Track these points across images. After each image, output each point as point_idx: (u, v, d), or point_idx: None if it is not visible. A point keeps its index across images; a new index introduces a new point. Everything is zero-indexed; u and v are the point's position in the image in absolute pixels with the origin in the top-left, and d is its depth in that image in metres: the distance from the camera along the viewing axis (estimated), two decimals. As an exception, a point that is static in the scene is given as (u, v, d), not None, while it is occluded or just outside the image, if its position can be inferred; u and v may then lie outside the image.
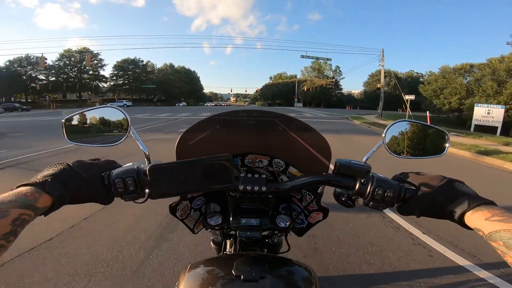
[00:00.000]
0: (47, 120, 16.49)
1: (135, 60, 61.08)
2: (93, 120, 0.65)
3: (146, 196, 0.50)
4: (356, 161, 0.58)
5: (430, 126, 0.68)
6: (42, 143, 7.08)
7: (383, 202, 0.52)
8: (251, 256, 0.63)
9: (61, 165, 0.47)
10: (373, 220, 2.74)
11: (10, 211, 0.36)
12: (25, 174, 4.11)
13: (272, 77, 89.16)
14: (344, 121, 17.35)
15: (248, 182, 0.62)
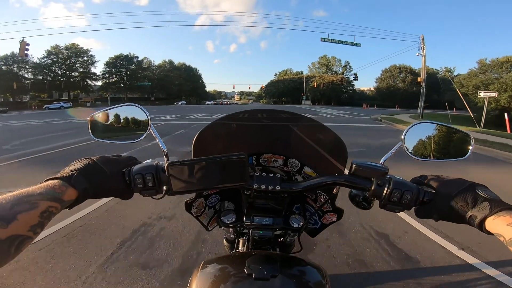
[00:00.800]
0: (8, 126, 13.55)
1: (129, 56, 58.64)
2: (116, 117, 0.69)
3: (163, 192, 0.55)
4: (373, 162, 0.59)
5: (453, 128, 0.68)
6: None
7: (400, 205, 0.53)
8: (263, 254, 0.66)
9: (86, 160, 0.51)
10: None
11: (40, 203, 0.39)
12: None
13: (277, 74, 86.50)
14: (383, 125, 13.91)
15: (262, 181, 0.63)
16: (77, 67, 51.57)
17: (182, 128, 11.10)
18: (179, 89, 69.27)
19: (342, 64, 72.54)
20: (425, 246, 2.31)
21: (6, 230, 0.34)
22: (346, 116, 20.67)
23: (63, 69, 49.62)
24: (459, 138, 0.68)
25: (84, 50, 51.84)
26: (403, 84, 58.82)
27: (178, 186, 0.51)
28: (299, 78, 68.64)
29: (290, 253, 0.87)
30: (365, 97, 63.67)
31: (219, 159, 0.51)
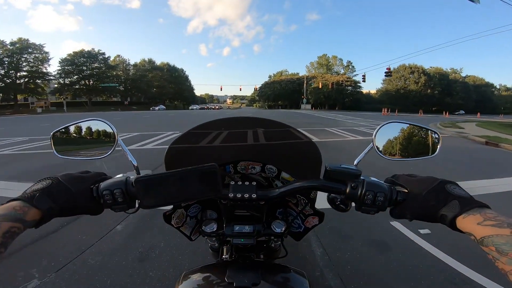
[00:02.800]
0: None
1: (92, 53, 53.01)
2: (80, 132, 0.73)
3: (137, 207, 0.58)
4: (347, 165, 0.62)
5: (421, 126, 0.73)
6: None
7: (374, 206, 0.56)
8: (244, 262, 0.72)
9: (49, 180, 0.54)
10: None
11: (1, 224, 0.42)
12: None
13: (271, 76, 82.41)
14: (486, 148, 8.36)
15: (238, 190, 0.66)
16: (23, 65, 45.41)
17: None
18: (160, 92, 63.67)
19: (344, 64, 69.36)
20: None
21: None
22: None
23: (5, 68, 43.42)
24: (427, 136, 0.74)
25: (36, 45, 45.83)
26: (416, 86, 55.55)
27: (149, 200, 0.53)
28: (298, 79, 65.06)
29: (276, 258, 0.91)
30: (373, 100, 60.14)
31: (189, 171, 0.53)
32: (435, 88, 55.97)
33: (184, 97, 73.15)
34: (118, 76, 57.71)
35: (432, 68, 60.27)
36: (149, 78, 61.90)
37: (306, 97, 56.99)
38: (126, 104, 57.19)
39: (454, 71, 65.00)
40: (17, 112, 40.08)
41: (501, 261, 0.38)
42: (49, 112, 41.44)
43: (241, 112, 37.91)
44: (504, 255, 0.38)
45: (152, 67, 64.89)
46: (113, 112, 38.11)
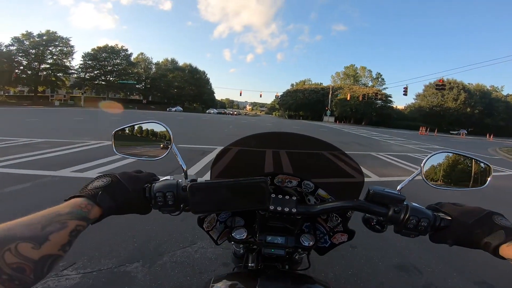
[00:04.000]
0: None
1: (116, 49, 52.66)
2: (139, 133, 0.77)
3: (181, 210, 0.61)
4: (390, 189, 0.64)
5: (473, 158, 0.74)
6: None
7: (416, 231, 0.59)
8: (274, 272, 0.75)
9: (109, 177, 0.56)
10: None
11: (69, 222, 0.43)
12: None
13: (294, 84, 79.66)
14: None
15: (278, 203, 0.68)
16: (48, 57, 45.41)
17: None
18: (179, 93, 62.67)
19: (373, 75, 65.48)
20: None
21: (39, 251, 0.38)
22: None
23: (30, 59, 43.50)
24: (478, 168, 0.73)
25: (63, 38, 46.01)
26: (455, 103, 50.77)
27: (198, 206, 0.55)
28: (322, 89, 61.66)
29: (298, 270, 0.92)
30: (403, 117, 55.72)
31: (241, 183, 0.55)
32: (476, 107, 50.97)
33: (203, 100, 71.88)
34: (138, 74, 57.24)
35: (473, 85, 55.27)
36: (170, 78, 61.12)
37: (330, 108, 53.63)
38: (144, 103, 56.46)
39: (494, 89, 59.48)
40: (36, 104, 39.92)
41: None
42: (66, 106, 41.11)
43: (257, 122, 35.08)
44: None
45: (173, 67, 64.24)
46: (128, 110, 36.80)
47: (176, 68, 64.67)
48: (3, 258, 0.35)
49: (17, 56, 42.43)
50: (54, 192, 3.57)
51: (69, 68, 48.04)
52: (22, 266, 0.36)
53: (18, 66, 42.68)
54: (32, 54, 43.41)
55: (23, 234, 0.38)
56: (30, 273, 0.36)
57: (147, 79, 59.68)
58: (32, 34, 43.38)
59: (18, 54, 42.57)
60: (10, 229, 0.38)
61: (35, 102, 41.64)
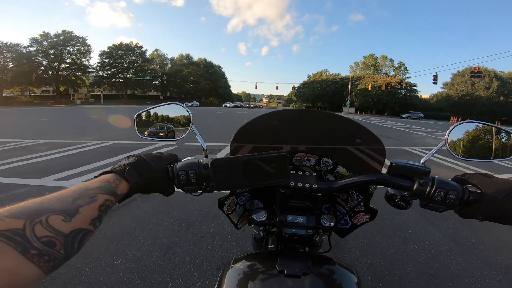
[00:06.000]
0: None
1: (131, 46, 52.96)
2: (159, 115, 0.79)
3: (203, 189, 0.61)
4: (414, 162, 0.62)
5: (498, 127, 0.72)
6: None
7: (444, 204, 0.56)
8: (294, 252, 0.74)
9: (135, 157, 0.57)
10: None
11: (98, 196, 0.43)
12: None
13: (310, 76, 77.34)
14: None
15: (299, 179, 0.67)
16: (66, 57, 46.27)
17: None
18: (195, 88, 62.62)
19: (395, 65, 62.05)
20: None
21: (70, 224, 0.37)
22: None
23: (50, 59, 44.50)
24: (504, 138, 0.71)
25: (79, 38, 46.80)
26: (487, 92, 47.01)
27: (220, 183, 0.54)
28: (341, 79, 59.10)
29: (319, 253, 0.90)
30: (429, 107, 52.42)
31: (260, 157, 0.54)
32: (510, 96, 46.98)
33: (220, 94, 71.32)
34: (154, 70, 57.40)
35: (505, 73, 50.94)
36: (185, 73, 60.98)
37: (350, 99, 51.37)
38: (161, 98, 56.84)
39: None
40: (58, 103, 41.07)
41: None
42: (87, 104, 42.04)
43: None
44: None
45: (189, 62, 64.01)
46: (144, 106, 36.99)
47: (191, 63, 64.38)
48: (33, 231, 0.33)
49: (37, 57, 43.50)
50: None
51: (87, 67, 48.81)
52: (52, 239, 0.35)
53: (39, 67, 43.84)
54: (51, 54, 44.33)
55: (55, 207, 0.38)
56: (60, 247, 0.35)
57: (163, 75, 59.80)
58: (50, 34, 44.35)
59: (38, 54, 43.58)
60: (41, 202, 0.38)
61: (57, 101, 42.92)
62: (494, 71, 49.16)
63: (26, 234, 0.33)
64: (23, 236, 0.32)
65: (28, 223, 0.33)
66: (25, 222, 0.33)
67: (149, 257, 2.12)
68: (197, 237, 2.42)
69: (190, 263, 2.05)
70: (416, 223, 2.91)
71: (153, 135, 0.78)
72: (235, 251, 2.20)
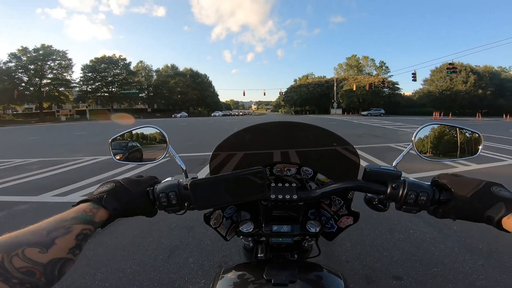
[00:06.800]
0: None
1: (114, 59, 52.57)
2: (136, 138, 0.79)
3: (185, 208, 0.63)
4: (386, 166, 0.65)
5: (462, 128, 0.75)
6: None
7: (416, 206, 0.58)
8: (281, 261, 0.76)
9: (113, 183, 0.58)
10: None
11: (73, 227, 0.45)
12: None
13: (297, 80, 78.50)
14: None
15: (279, 191, 0.69)
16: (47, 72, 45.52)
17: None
18: (183, 99, 62.46)
19: (376, 64, 63.85)
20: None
21: (46, 255, 0.39)
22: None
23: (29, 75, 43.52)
24: (469, 137, 0.74)
25: (59, 52, 46.14)
26: (465, 86, 48.86)
27: (200, 203, 0.56)
28: (326, 82, 60.37)
29: (308, 258, 0.93)
30: (412, 103, 53.99)
31: (238, 175, 0.57)
32: (487, 88, 48.99)
33: (208, 104, 71.44)
34: (140, 82, 57.01)
35: (480, 67, 53.17)
36: (172, 84, 60.76)
37: (336, 101, 52.39)
38: (149, 111, 56.40)
39: (503, 70, 57.09)
40: (42, 120, 40.16)
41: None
42: (73, 120, 41.25)
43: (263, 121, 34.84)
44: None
45: (174, 73, 63.93)
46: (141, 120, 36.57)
47: (177, 73, 64.34)
48: (11, 263, 0.36)
49: (17, 73, 42.58)
50: (30, 222, 2.97)
51: (70, 82, 48.22)
52: (31, 269, 0.37)
53: (20, 83, 42.90)
54: (31, 69, 43.52)
55: (29, 240, 0.39)
56: (40, 276, 0.37)
57: (149, 87, 59.49)
58: (28, 49, 43.48)
59: (18, 70, 42.72)
60: (16, 236, 0.40)
61: (41, 118, 42.02)
62: (470, 66, 51.23)
63: (6, 266, 0.35)
64: (3, 268, 0.35)
65: (5, 257, 0.36)
66: (3, 256, 0.36)
67: (155, 260, 2.26)
68: (198, 240, 2.56)
69: (194, 263, 2.19)
70: (401, 214, 3.01)
71: (127, 159, 0.79)
72: (234, 250, 2.34)
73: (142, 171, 5.28)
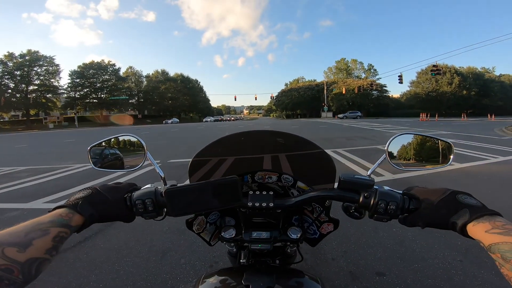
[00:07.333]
0: None
1: (102, 65, 51.98)
2: (114, 146, 0.80)
3: (164, 214, 0.64)
4: (360, 175, 0.66)
5: (434, 137, 0.75)
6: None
7: (386, 214, 0.59)
8: (262, 266, 0.78)
9: (90, 189, 0.60)
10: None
11: (50, 229, 0.47)
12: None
13: (288, 84, 79.16)
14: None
15: (256, 199, 0.71)
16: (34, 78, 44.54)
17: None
18: (174, 104, 62.09)
19: (365, 67, 65.17)
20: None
21: (24, 254, 0.42)
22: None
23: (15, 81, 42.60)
24: (441, 147, 0.74)
25: (46, 57, 45.38)
26: (450, 87, 50.33)
27: (176, 209, 0.58)
28: (317, 85, 61.18)
29: (292, 263, 0.94)
30: (401, 105, 55.23)
31: (213, 183, 0.59)
32: (471, 89, 50.60)
33: (199, 109, 71.22)
34: (130, 88, 56.47)
35: (464, 68, 54.93)
36: (162, 90, 60.43)
37: (327, 104, 53.12)
38: (139, 117, 55.83)
39: (486, 71, 59.13)
40: (29, 128, 39.31)
41: (506, 268, 0.40)
42: (61, 128, 40.46)
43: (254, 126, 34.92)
44: (508, 261, 0.40)
45: (165, 78, 63.57)
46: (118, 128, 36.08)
47: (168, 79, 64.00)
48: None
49: (3, 79, 41.63)
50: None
51: (57, 88, 47.40)
52: (9, 267, 0.39)
53: (6, 90, 41.96)
54: (17, 75, 42.63)
55: (8, 241, 0.42)
56: (18, 274, 0.40)
57: (140, 93, 59.03)
58: (14, 54, 42.64)
59: (4, 76, 41.76)
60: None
61: (28, 126, 41.11)
62: (454, 67, 52.86)
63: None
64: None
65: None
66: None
67: (147, 261, 2.33)
68: (189, 242, 2.62)
69: (186, 264, 2.27)
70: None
71: (106, 167, 0.81)
72: (224, 251, 2.39)
73: (130, 179, 5.30)
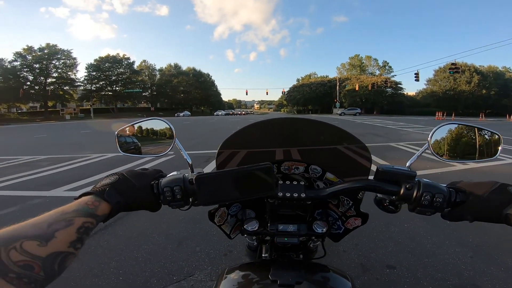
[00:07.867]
0: None
1: (117, 58, 52.93)
2: (142, 131, 0.78)
3: (190, 204, 0.61)
4: (400, 166, 0.62)
5: (481, 128, 0.71)
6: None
7: (431, 207, 0.56)
8: (287, 261, 0.75)
9: (116, 175, 0.56)
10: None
11: (75, 219, 0.43)
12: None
13: (299, 79, 78.40)
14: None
15: (287, 189, 0.67)
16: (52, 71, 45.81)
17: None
18: (186, 98, 62.74)
19: (379, 64, 63.62)
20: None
21: (46, 248, 0.38)
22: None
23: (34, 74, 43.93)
24: (488, 139, 0.71)
25: (64, 51, 46.58)
26: (469, 86, 48.58)
27: (206, 198, 0.55)
28: (329, 81, 60.31)
29: (313, 259, 0.91)
30: (416, 103, 53.81)
31: (245, 170, 0.54)
32: (491, 89, 48.71)
33: (211, 103, 71.67)
34: (143, 81, 57.38)
35: (485, 67, 52.83)
36: (175, 83, 61.09)
37: (339, 100, 52.38)
38: (152, 110, 56.73)
39: (507, 70, 56.63)
40: (47, 119, 40.59)
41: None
42: (77, 119, 41.62)
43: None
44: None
45: (177, 72, 64.13)
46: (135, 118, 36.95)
47: (180, 73, 64.50)
48: (8, 256, 0.35)
49: (22, 72, 42.93)
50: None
51: (74, 81, 48.58)
52: (29, 263, 0.35)
53: (25, 82, 43.33)
54: (36, 68, 43.86)
55: (28, 233, 0.38)
56: (39, 270, 0.36)
57: (153, 86, 59.87)
58: (33, 48, 43.85)
59: (23, 69, 43.05)
60: (15, 229, 0.38)
61: (46, 117, 42.41)
62: (474, 66, 50.94)
63: (2, 259, 0.34)
64: (0, 261, 0.34)
65: (3, 250, 0.35)
66: (0, 249, 0.35)
67: (164, 249, 2.43)
68: (204, 231, 2.72)
69: (201, 252, 2.36)
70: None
71: (133, 152, 0.79)
72: (238, 241, 2.45)
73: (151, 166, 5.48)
